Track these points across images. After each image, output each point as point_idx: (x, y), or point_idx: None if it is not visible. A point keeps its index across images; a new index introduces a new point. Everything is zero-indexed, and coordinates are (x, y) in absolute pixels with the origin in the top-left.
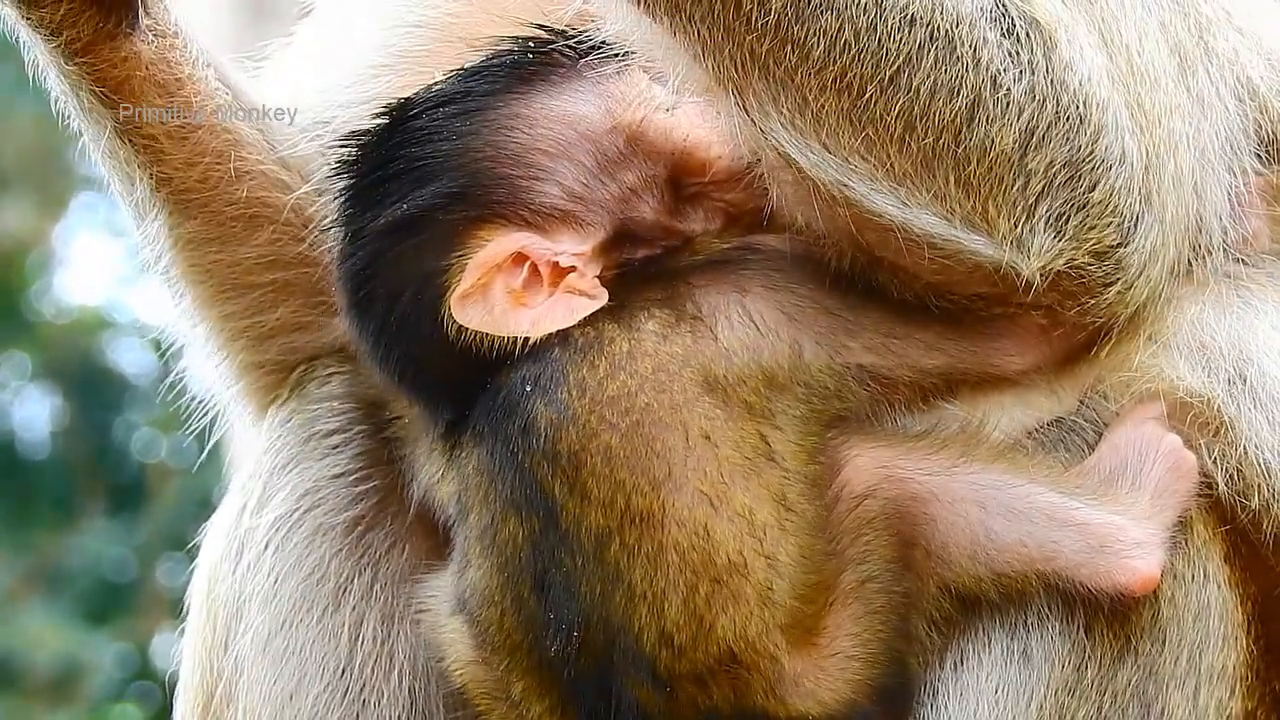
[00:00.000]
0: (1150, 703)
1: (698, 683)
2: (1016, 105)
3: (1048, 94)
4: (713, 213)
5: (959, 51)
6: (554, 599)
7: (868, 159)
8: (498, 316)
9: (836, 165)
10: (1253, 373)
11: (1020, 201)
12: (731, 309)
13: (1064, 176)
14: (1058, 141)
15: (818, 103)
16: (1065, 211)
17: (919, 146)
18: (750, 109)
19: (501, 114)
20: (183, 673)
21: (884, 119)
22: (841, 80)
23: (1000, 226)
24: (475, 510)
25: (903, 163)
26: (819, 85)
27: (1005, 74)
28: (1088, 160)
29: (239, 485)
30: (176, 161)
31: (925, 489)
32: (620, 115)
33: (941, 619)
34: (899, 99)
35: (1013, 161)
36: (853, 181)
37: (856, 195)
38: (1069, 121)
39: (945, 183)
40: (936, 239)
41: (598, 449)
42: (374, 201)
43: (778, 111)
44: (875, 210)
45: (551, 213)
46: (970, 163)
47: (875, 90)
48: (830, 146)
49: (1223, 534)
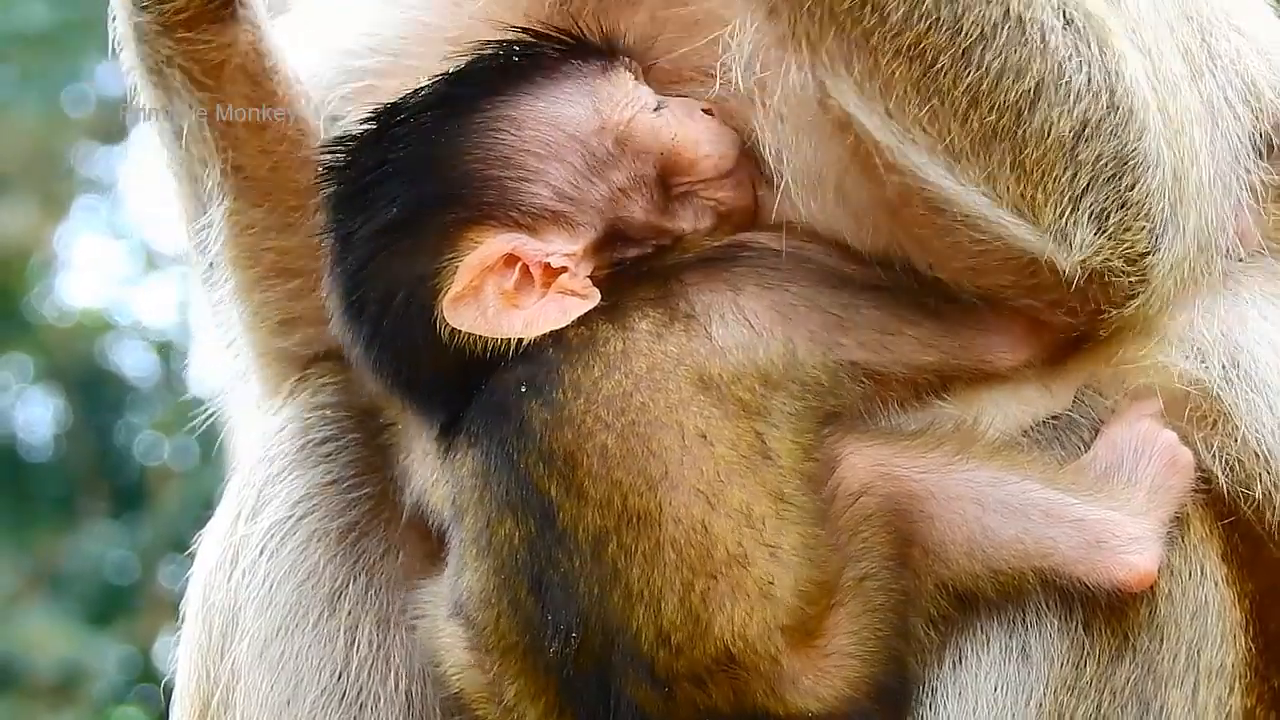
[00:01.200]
0: (1149, 700)
1: (696, 682)
2: (1076, 94)
3: (1103, 87)
4: (702, 211)
5: (1029, 34)
6: (551, 600)
7: (929, 130)
8: (490, 318)
9: (899, 133)
10: (1245, 359)
11: (1068, 191)
12: (725, 307)
13: (1110, 171)
14: (1107, 135)
15: (889, 68)
16: (1107, 207)
17: (981, 124)
18: (820, 68)
19: (489, 116)
20: (179, 679)
21: (952, 92)
22: (916, 47)
23: (1046, 215)
24: (470, 512)
25: (962, 139)
26: (894, 50)
27: (1069, 62)
28: (1132, 156)
29: (233, 493)
30: (251, 149)
31: (921, 486)
32: (608, 115)
33: (939, 617)
34: (969, 73)
35: (1066, 150)
36: (912, 151)
37: (912, 165)
38: (1119, 116)
39: (1000, 164)
40: (980, 221)
41: (594, 449)
42: (364, 205)
43: (849, 72)
44: (929, 182)
45: (542, 213)
46: (1027, 146)
47: (947, 61)
48: (895, 113)
49: (1220, 531)
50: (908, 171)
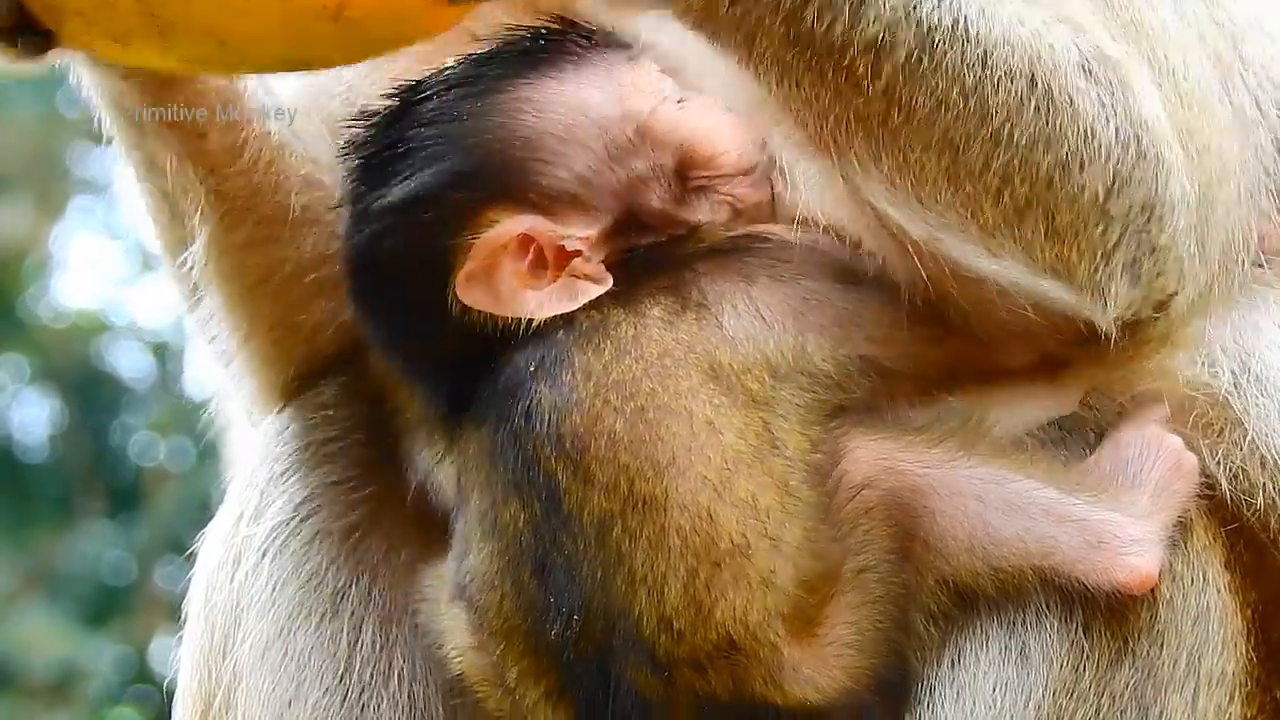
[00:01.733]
0: (1148, 705)
1: (697, 668)
2: (1106, 150)
3: (1130, 137)
4: (718, 205)
5: (1059, 100)
6: (554, 583)
7: (961, 214)
8: (503, 297)
9: (931, 220)
10: (1257, 366)
11: (1100, 247)
12: (737, 298)
13: (1141, 220)
14: (1136, 184)
15: (919, 161)
16: (1139, 256)
17: (1013, 198)
18: (850, 168)
19: (512, 97)
20: (180, 680)
21: (984, 174)
22: (945, 139)
23: (1080, 273)
24: (476, 493)
25: (996, 216)
26: (922, 145)
27: (1097, 120)
28: (1160, 203)
29: (235, 494)
30: (231, 174)
31: (924, 481)
32: (630, 104)
33: (939, 613)
34: (1000, 153)
35: (1099, 207)
36: (944, 235)
37: (947, 249)
38: (1147, 163)
39: (1033, 232)
40: (1019, 287)
41: (602, 433)
42: (382, 180)
43: (878, 170)
44: (963, 264)
45: (559, 197)
46: (1060, 211)
47: (978, 146)
48: (927, 203)
49: (1224, 539)
50: (942, 256)
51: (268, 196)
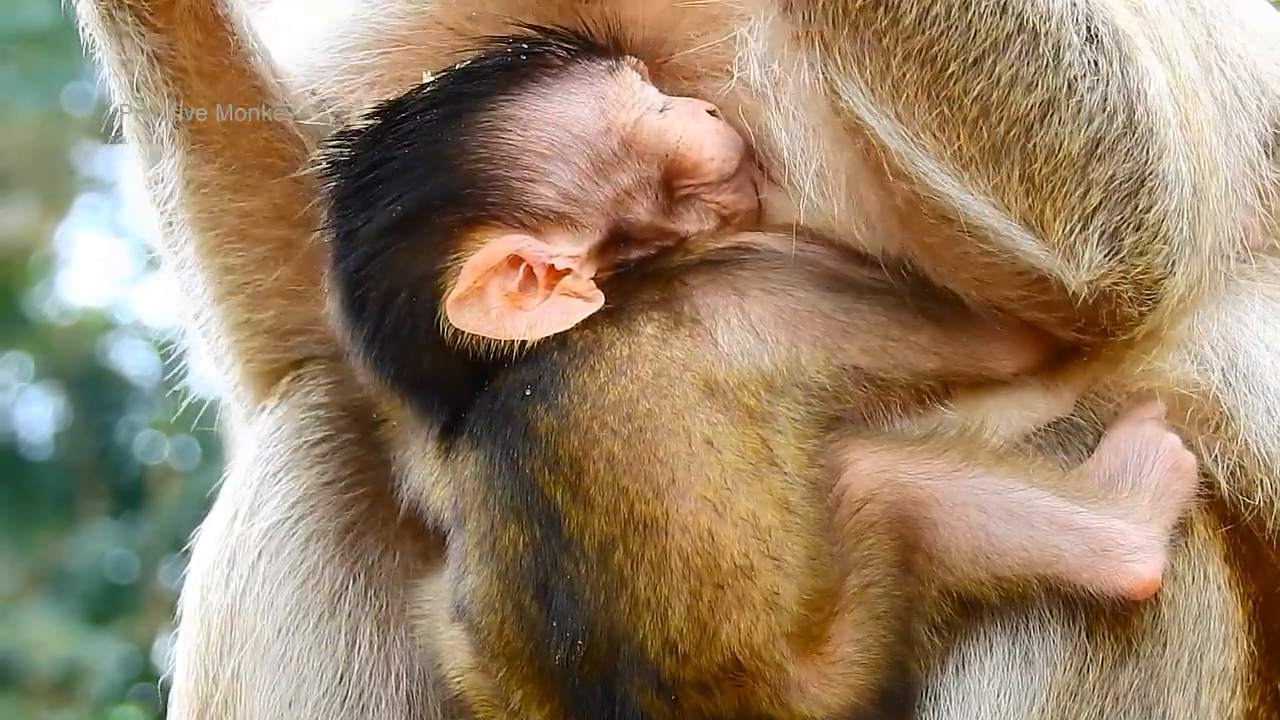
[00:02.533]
0: (1152, 705)
1: (703, 690)
2: (1087, 112)
3: (1119, 105)
4: (706, 213)
5: (1042, 48)
6: (557, 607)
7: (938, 137)
8: (494, 319)
9: (907, 138)
10: (1244, 362)
11: (1078, 209)
12: (730, 312)
13: (1125, 191)
14: (1122, 155)
15: (900, 70)
16: (1120, 228)
17: (990, 134)
18: (833, 67)
19: (495, 116)
20: (176, 679)
21: (961, 99)
22: (927, 52)
23: (1055, 231)
24: (473, 516)
25: (971, 148)
26: (904, 53)
27: (1081, 80)
28: (1150, 177)
29: (229, 493)
30: (204, 101)
31: (926, 493)
32: (614, 116)
33: (943, 623)
34: (979, 82)
35: (1077, 168)
36: (920, 156)
37: (921, 171)
38: (1137, 136)
39: (1008, 176)
40: (989, 232)
41: (600, 455)
42: (367, 203)
43: (860, 73)
44: (936, 190)
45: (546, 215)
46: (1036, 160)
47: (958, 68)
48: (904, 118)
49: (1223, 534)
50: (915, 178)
51: (242, 136)
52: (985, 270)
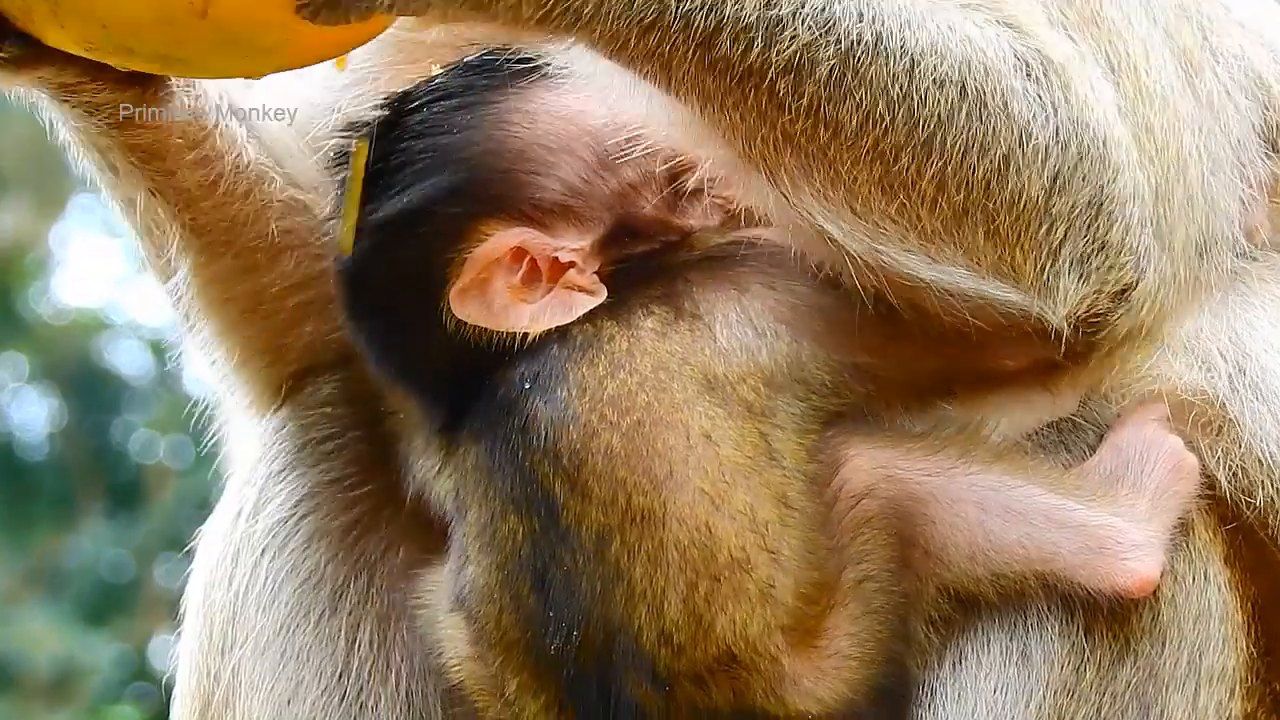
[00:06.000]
0: (1149, 704)
1: (697, 682)
2: (1044, 151)
3: (1070, 135)
4: (711, 209)
5: (991, 106)
6: (554, 597)
7: (899, 222)
8: (497, 312)
9: (868, 231)
10: (1253, 368)
11: (1045, 246)
12: (729, 308)
13: (1086, 218)
14: (1079, 183)
15: (850, 174)
16: (1086, 252)
17: (950, 205)
18: (782, 185)
19: (502, 109)
20: (179, 678)
21: (917, 183)
22: (874, 151)
23: (1027, 273)
24: (474, 507)
25: (934, 223)
26: (852, 158)
27: (1034, 120)
28: (1108, 199)
29: (233, 491)
30: (207, 208)
31: (924, 489)
32: (620, 110)
33: (940, 619)
34: (932, 162)
35: (1039, 208)
36: (884, 246)
37: (887, 260)
38: (1090, 161)
39: (973, 236)
40: (963, 292)
41: (599, 448)
42: (373, 194)
43: (810, 185)
44: (905, 272)
45: (551, 208)
46: (1000, 215)
47: (908, 157)
48: (861, 214)
49: (1224, 535)
50: (881, 267)
51: (247, 226)
52: (964, 319)
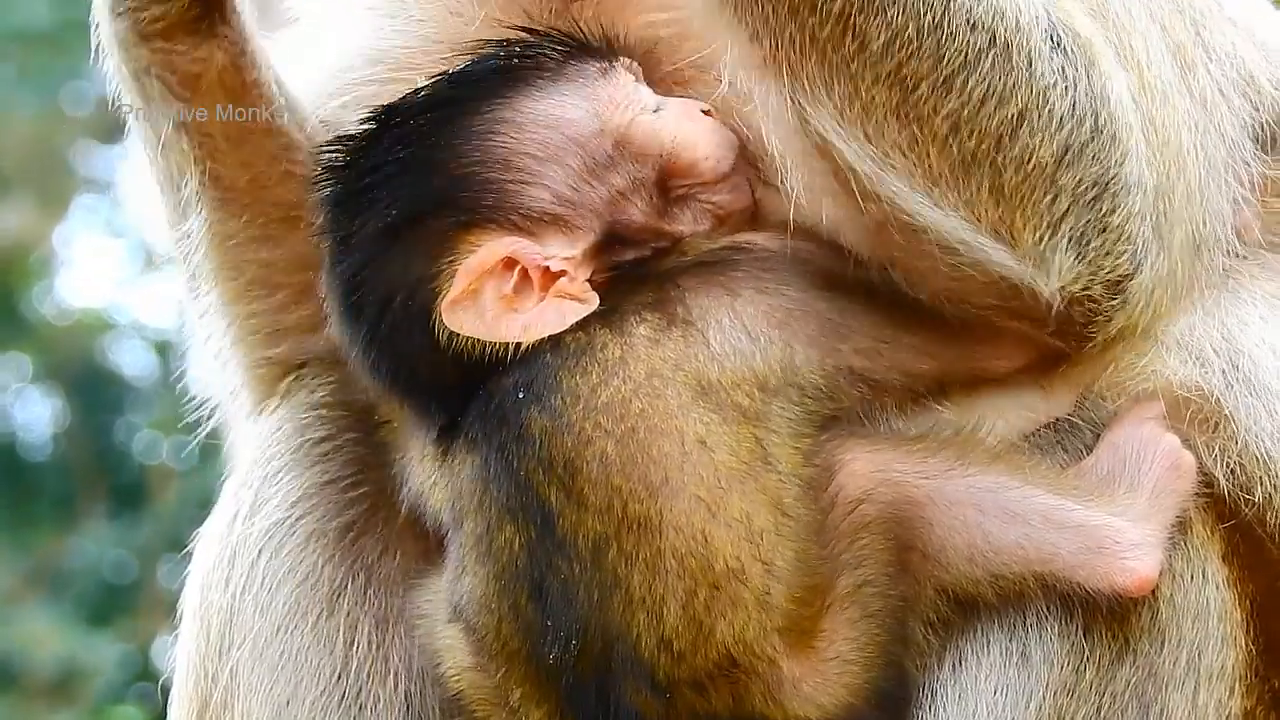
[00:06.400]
0: (1149, 703)
1: (697, 688)
2: (1059, 120)
3: (1087, 111)
4: (701, 214)
5: (1015, 61)
6: (551, 606)
7: (908, 156)
8: (489, 322)
9: (876, 159)
10: (1245, 364)
11: (1047, 216)
12: (722, 313)
13: (1090, 196)
14: (1089, 160)
15: (869, 94)
16: (1087, 232)
17: (960, 149)
18: (800, 93)
19: (488, 118)
20: (176, 680)
21: (932, 118)
22: (897, 74)
23: (1025, 240)
24: (470, 517)
25: (941, 164)
26: (873, 77)
27: (1054, 88)
28: (1114, 181)
29: (230, 493)
30: (231, 161)
31: (922, 492)
32: (607, 118)
33: (939, 621)
34: (950, 100)
35: (1047, 175)
36: (889, 177)
37: (890, 191)
38: (1102, 141)
39: (979, 189)
40: (959, 245)
41: (593, 456)
42: (362, 207)
43: (828, 98)
44: (905, 208)
45: (541, 217)
46: (1006, 172)
47: (928, 89)
48: (873, 139)
49: (1222, 533)
50: (884, 198)
51: (268, 190)
52: (957, 282)
